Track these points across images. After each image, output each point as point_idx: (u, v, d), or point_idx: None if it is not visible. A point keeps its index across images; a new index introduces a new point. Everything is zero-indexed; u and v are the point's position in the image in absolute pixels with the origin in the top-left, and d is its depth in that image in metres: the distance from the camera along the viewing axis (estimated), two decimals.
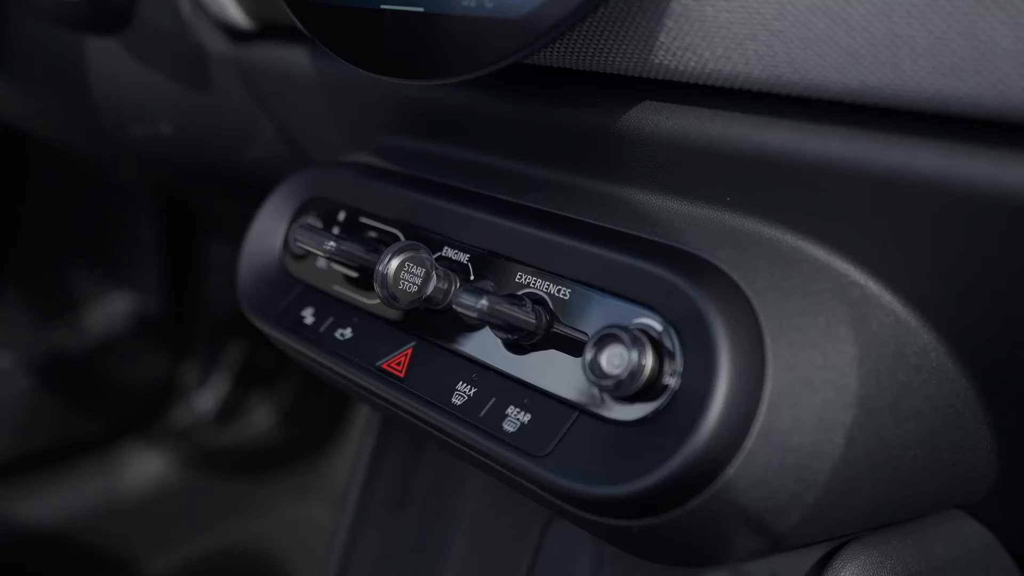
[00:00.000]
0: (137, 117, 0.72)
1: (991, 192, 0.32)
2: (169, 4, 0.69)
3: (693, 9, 0.36)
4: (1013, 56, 0.29)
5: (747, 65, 0.36)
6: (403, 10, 0.43)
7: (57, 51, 0.70)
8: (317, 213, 0.56)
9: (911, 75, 0.32)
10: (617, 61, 0.41)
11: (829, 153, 0.36)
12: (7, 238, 1.32)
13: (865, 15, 0.32)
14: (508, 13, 0.38)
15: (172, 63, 0.71)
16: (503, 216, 0.45)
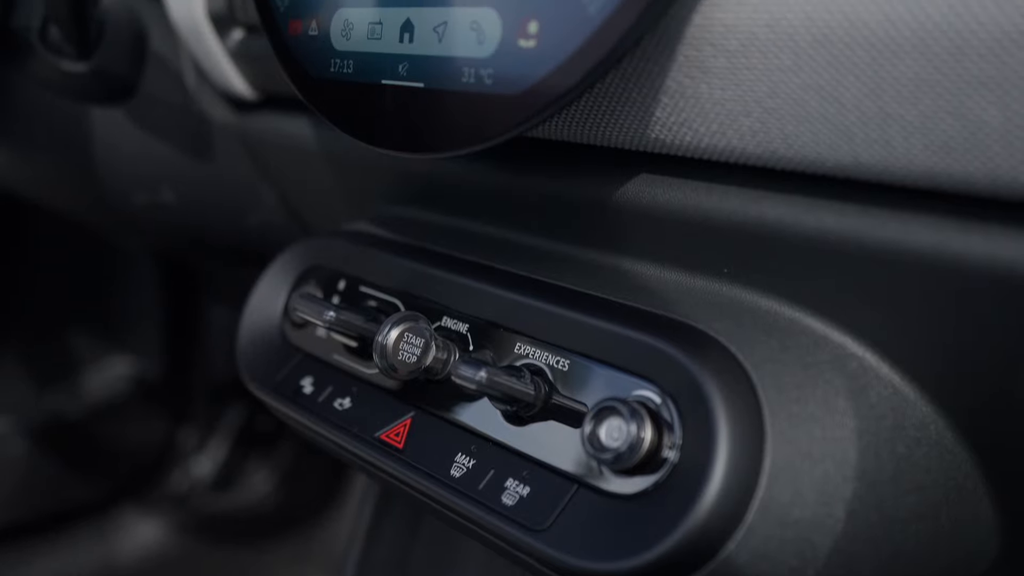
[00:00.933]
0: (140, 185, 0.73)
1: (985, 268, 0.32)
2: (174, 75, 0.71)
3: (688, 86, 0.37)
4: (1002, 136, 0.29)
5: (742, 140, 0.37)
6: (404, 86, 0.44)
7: (61, 120, 0.71)
8: (317, 281, 0.56)
9: (903, 153, 0.32)
10: (614, 135, 0.41)
11: (824, 227, 0.36)
12: (5, 300, 1.32)
13: (856, 94, 0.32)
14: (507, 90, 0.39)
15: (175, 132, 0.72)
16: (502, 287, 0.46)
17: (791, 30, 0.33)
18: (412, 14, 0.43)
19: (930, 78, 0.30)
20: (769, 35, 0.33)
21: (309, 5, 0.49)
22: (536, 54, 0.37)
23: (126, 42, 0.66)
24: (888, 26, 0.30)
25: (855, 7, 0.31)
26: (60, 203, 0.83)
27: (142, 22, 0.70)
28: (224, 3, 0.64)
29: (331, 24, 0.48)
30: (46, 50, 0.63)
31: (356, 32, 0.46)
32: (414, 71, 0.43)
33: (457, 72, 0.41)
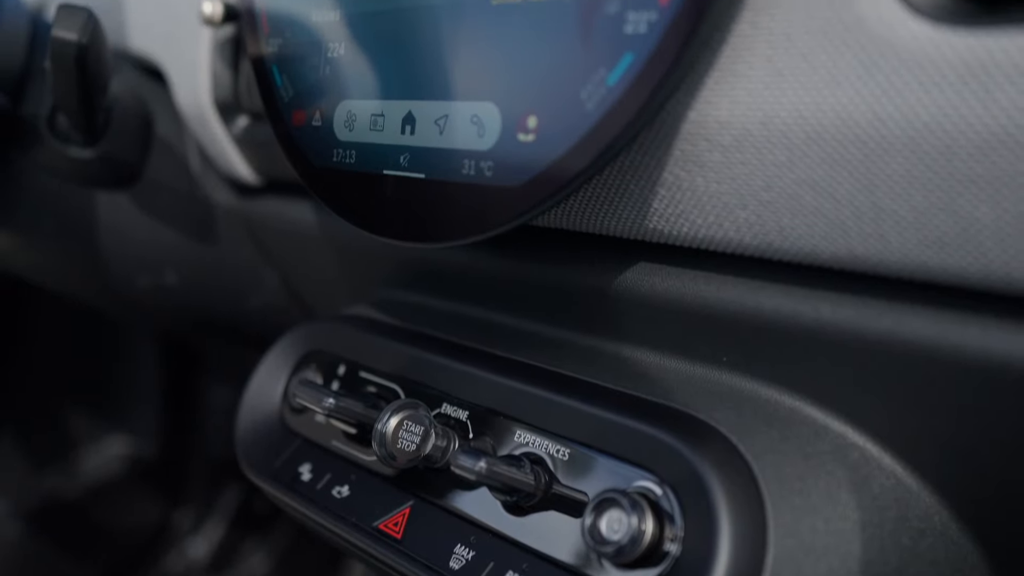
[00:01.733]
0: (143, 268, 0.73)
1: (982, 360, 0.32)
2: (179, 160, 0.72)
3: (684, 179, 0.38)
4: (994, 232, 0.30)
5: (738, 232, 0.37)
6: (405, 176, 0.44)
7: (66, 205, 0.72)
8: (317, 366, 0.56)
9: (897, 246, 0.33)
10: (612, 225, 0.42)
11: (821, 318, 0.37)
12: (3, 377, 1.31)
13: (850, 190, 0.33)
14: (506, 182, 0.39)
15: (180, 216, 0.73)
16: (502, 374, 0.46)
17: (784, 127, 0.33)
18: (414, 107, 0.44)
19: (922, 175, 0.31)
20: (763, 132, 0.34)
21: (313, 97, 0.50)
22: (535, 148, 0.38)
23: (133, 129, 0.68)
24: (879, 125, 0.31)
25: (846, 106, 0.32)
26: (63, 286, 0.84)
27: (148, 108, 0.71)
28: (230, 91, 0.66)
29: (334, 115, 0.49)
30: (54, 137, 0.64)
31: (359, 123, 0.47)
32: (415, 162, 0.44)
33: (458, 164, 0.41)
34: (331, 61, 0.49)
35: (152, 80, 0.74)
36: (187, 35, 0.67)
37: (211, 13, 0.61)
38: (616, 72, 0.35)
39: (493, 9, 0.40)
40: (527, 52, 0.39)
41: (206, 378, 1.39)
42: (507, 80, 0.39)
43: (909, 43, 0.30)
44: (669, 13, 0.33)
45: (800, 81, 0.33)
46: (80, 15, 0.54)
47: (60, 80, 0.56)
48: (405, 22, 0.45)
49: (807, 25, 0.32)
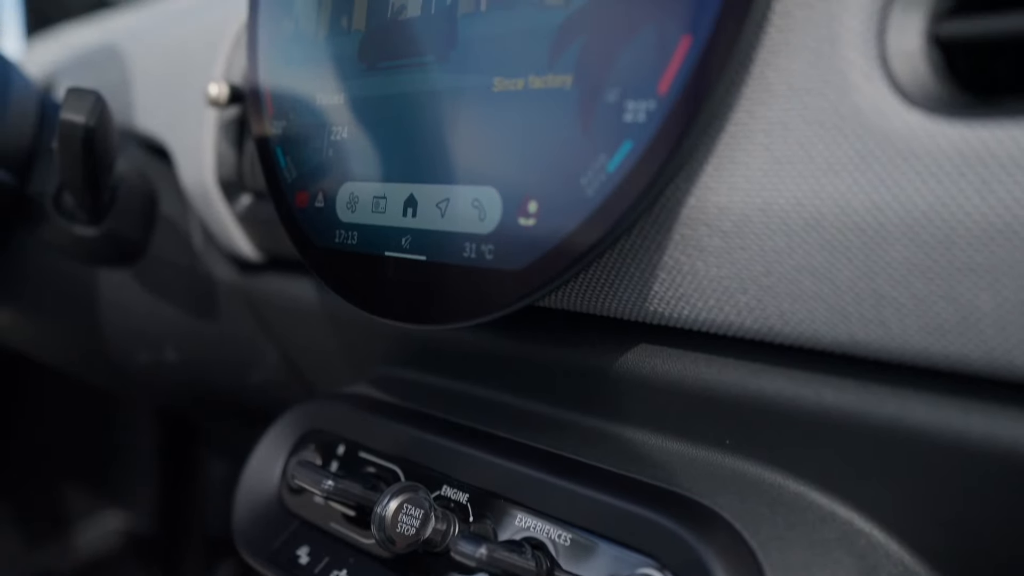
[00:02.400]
0: (144, 345, 0.73)
1: (987, 447, 0.32)
2: (182, 237, 0.72)
3: (684, 263, 0.38)
4: (995, 320, 0.30)
5: (739, 316, 0.37)
6: (406, 258, 0.45)
7: (69, 282, 0.72)
8: (316, 446, 0.55)
9: (898, 333, 0.33)
10: (613, 307, 0.42)
11: (823, 402, 0.36)
12: None
13: (850, 276, 0.33)
14: (507, 265, 0.39)
15: (181, 292, 0.73)
16: (504, 456, 0.45)
17: (783, 214, 0.34)
18: (416, 190, 0.44)
19: (921, 263, 0.31)
20: (762, 218, 0.34)
21: (316, 178, 0.51)
22: (536, 232, 0.38)
23: (137, 207, 0.68)
24: (877, 213, 0.31)
25: (844, 194, 0.32)
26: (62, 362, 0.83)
27: (153, 186, 0.72)
28: (234, 170, 0.66)
29: (337, 197, 0.49)
30: (59, 216, 0.64)
31: (361, 205, 0.48)
32: (416, 244, 0.44)
33: (459, 247, 0.42)
34: (334, 143, 0.50)
35: (157, 159, 0.75)
36: (193, 116, 0.68)
37: (217, 95, 0.62)
38: (616, 159, 0.35)
39: (494, 96, 0.41)
40: (528, 138, 0.39)
41: (205, 452, 1.38)
42: (508, 165, 0.40)
43: (905, 134, 0.30)
44: (668, 103, 0.34)
45: (798, 169, 0.33)
46: (88, 98, 0.55)
47: (67, 161, 0.56)
48: (408, 106, 0.45)
49: (803, 115, 0.33)
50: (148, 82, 0.78)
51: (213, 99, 0.62)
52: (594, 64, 0.37)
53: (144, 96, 0.77)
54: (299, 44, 0.53)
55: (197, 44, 0.72)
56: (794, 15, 0.34)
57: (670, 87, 0.34)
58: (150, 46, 0.81)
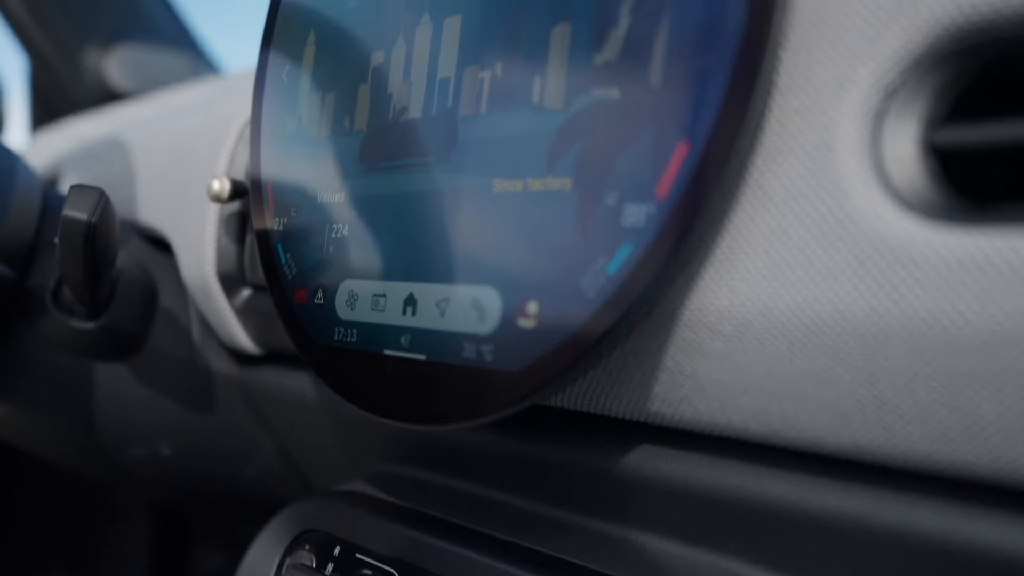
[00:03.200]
0: (139, 439, 0.72)
1: (993, 556, 0.31)
2: (181, 330, 0.72)
3: (685, 365, 0.38)
4: (1000, 428, 0.29)
5: (742, 419, 0.37)
6: (405, 357, 0.44)
7: (66, 375, 0.71)
8: (312, 547, 0.54)
9: (902, 439, 0.32)
10: (614, 407, 0.42)
11: (828, 508, 0.36)
12: None
13: (852, 382, 0.33)
14: (506, 366, 0.39)
15: (178, 386, 0.72)
16: (504, 560, 0.44)
17: (783, 318, 0.34)
18: (415, 288, 0.45)
19: (923, 370, 0.31)
20: (763, 322, 0.34)
21: (316, 275, 0.51)
22: (536, 334, 0.38)
23: (137, 300, 0.68)
24: (876, 319, 0.31)
25: (843, 299, 0.32)
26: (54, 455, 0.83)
27: (153, 279, 0.72)
28: (234, 264, 0.67)
29: (336, 294, 0.49)
30: (58, 310, 0.64)
31: (360, 303, 0.48)
32: (416, 343, 0.44)
33: (458, 347, 0.42)
34: (335, 241, 0.50)
35: (158, 251, 0.76)
36: (195, 210, 0.69)
37: (219, 190, 0.62)
38: (615, 262, 0.36)
39: (494, 196, 0.41)
40: (527, 239, 0.39)
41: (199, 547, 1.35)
42: (507, 266, 0.40)
43: (903, 240, 0.31)
44: (666, 207, 0.34)
45: (797, 274, 0.33)
46: (92, 195, 0.55)
47: (68, 257, 0.57)
48: (408, 206, 0.46)
49: (802, 220, 0.33)
50: (152, 175, 0.79)
51: (215, 194, 0.62)
52: (593, 168, 0.37)
53: (147, 189, 0.78)
54: (301, 142, 0.54)
55: (201, 139, 0.73)
56: (790, 121, 0.34)
57: (669, 192, 0.34)
58: (155, 140, 0.82)
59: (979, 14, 0.30)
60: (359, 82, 0.50)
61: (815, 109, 0.33)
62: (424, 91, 0.46)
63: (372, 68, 0.50)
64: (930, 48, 0.31)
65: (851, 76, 0.33)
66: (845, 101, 0.33)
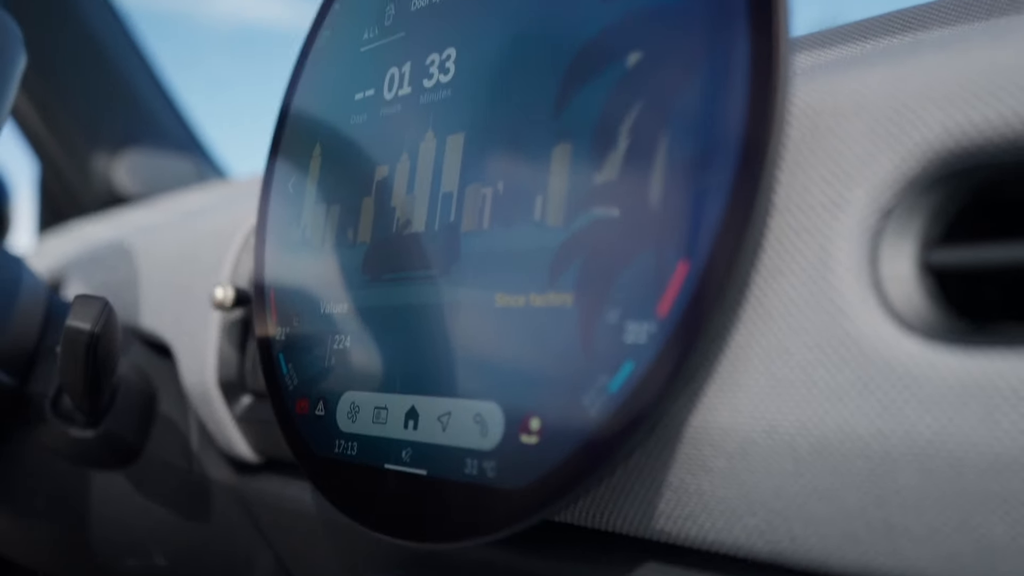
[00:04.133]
0: (133, 550, 0.71)
1: None
2: (179, 437, 0.72)
3: (690, 483, 0.37)
4: (1013, 552, 0.29)
5: (748, 538, 0.36)
6: (406, 472, 0.44)
7: (61, 483, 0.70)
8: None
9: (912, 561, 0.32)
10: (618, 523, 0.41)
11: None
12: None
13: (860, 502, 0.32)
14: (509, 484, 0.39)
15: (175, 494, 0.71)
16: None
17: (788, 437, 0.33)
18: (417, 402, 0.44)
19: (931, 492, 0.30)
20: (767, 441, 0.34)
21: (317, 386, 0.51)
22: (538, 451, 0.38)
23: (136, 408, 0.68)
24: (883, 440, 0.31)
25: (848, 420, 0.32)
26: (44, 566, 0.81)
27: (153, 385, 0.72)
28: (235, 371, 0.67)
29: (338, 406, 0.49)
30: (56, 418, 0.64)
31: (362, 415, 0.47)
32: (417, 458, 0.44)
33: (459, 463, 0.41)
34: (336, 352, 0.50)
35: (158, 356, 0.76)
36: (197, 316, 0.69)
37: (222, 298, 0.63)
38: (617, 380, 0.35)
39: (496, 311, 0.41)
40: (529, 354, 0.39)
41: None
42: (510, 381, 0.40)
43: (904, 361, 0.31)
44: (668, 325, 0.34)
45: (800, 393, 0.33)
46: (96, 305, 0.55)
47: (69, 366, 0.57)
48: (410, 318, 0.46)
49: (803, 339, 0.33)
50: (155, 281, 0.79)
51: (218, 302, 0.63)
52: (594, 285, 0.37)
53: (150, 295, 0.79)
54: (305, 252, 0.55)
55: (205, 246, 0.73)
56: (788, 240, 0.35)
57: (670, 310, 0.34)
58: (159, 245, 0.83)
59: (969, 139, 0.31)
60: (363, 195, 0.51)
61: (813, 229, 0.34)
62: (427, 205, 0.47)
63: (376, 182, 0.51)
64: (923, 171, 0.32)
65: (847, 197, 0.33)
66: (842, 221, 0.33)
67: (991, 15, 0.44)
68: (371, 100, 0.53)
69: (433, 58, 0.49)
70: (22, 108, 1.34)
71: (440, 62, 0.48)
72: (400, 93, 0.51)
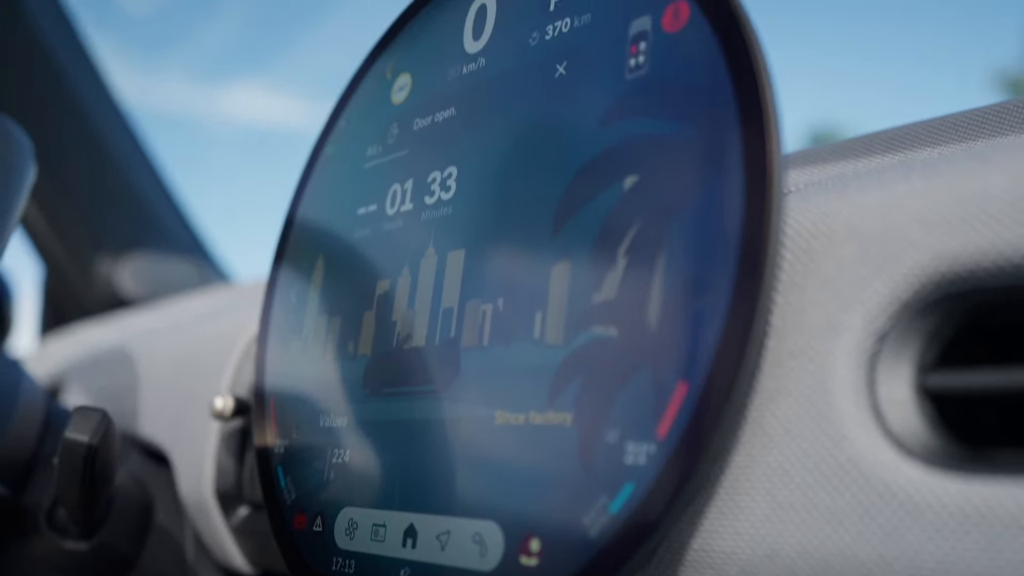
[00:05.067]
0: None
1: None
2: (175, 549, 0.71)
3: None
4: None
5: None
6: None
7: None
8: None
9: None
10: None
11: None
12: None
13: None
14: None
15: None
16: None
17: (790, 562, 0.33)
18: (416, 520, 0.44)
19: None
20: (769, 565, 0.34)
21: (315, 501, 0.50)
22: (538, 573, 0.37)
23: (132, 518, 0.67)
24: (884, 567, 0.31)
25: (849, 545, 0.32)
26: None
27: (149, 494, 0.71)
28: (233, 482, 0.66)
29: (336, 522, 0.49)
30: (51, 530, 0.63)
31: (360, 532, 0.47)
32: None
33: None
34: (335, 466, 0.50)
35: (155, 464, 0.75)
36: (196, 426, 0.69)
37: (222, 408, 0.63)
38: (618, 501, 0.35)
39: (496, 428, 0.41)
40: (529, 473, 0.39)
41: None
42: (509, 500, 0.40)
43: (905, 486, 0.31)
44: (667, 447, 0.34)
45: (801, 516, 0.33)
46: (94, 418, 0.55)
47: (66, 478, 0.56)
48: (410, 434, 0.46)
49: (803, 462, 0.33)
50: (155, 388, 0.79)
51: (218, 412, 0.62)
52: (593, 404, 0.38)
53: (150, 402, 0.79)
54: (306, 364, 0.55)
55: (206, 353, 0.74)
56: (786, 362, 0.35)
57: (669, 431, 0.34)
58: (160, 351, 0.83)
59: (960, 264, 0.32)
60: (365, 308, 0.52)
61: (810, 352, 0.34)
62: (428, 320, 0.47)
63: (378, 295, 0.51)
64: (916, 295, 0.33)
65: (843, 320, 0.34)
66: (839, 345, 0.34)
67: (974, 136, 0.46)
68: (374, 215, 0.54)
69: (435, 176, 0.50)
70: (27, 210, 1.36)
71: (442, 180, 0.50)
72: (402, 209, 0.52)
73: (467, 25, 0.52)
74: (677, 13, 0.40)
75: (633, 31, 0.42)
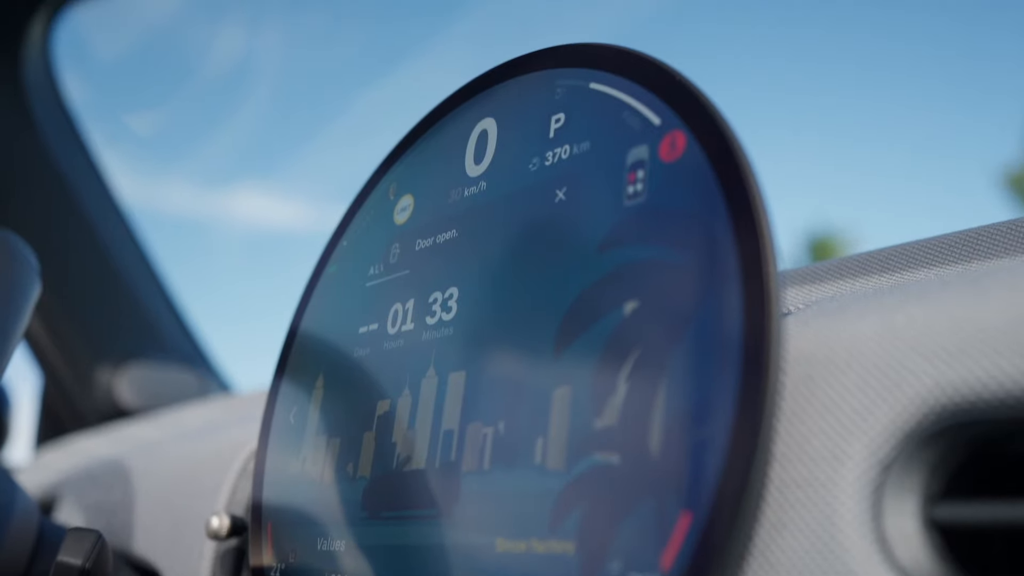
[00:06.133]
0: None
1: None
2: None
3: None
4: None
5: None
6: None
7: None
8: None
9: None
10: None
11: None
12: None
13: None
14: None
15: None
16: None
17: None
18: None
19: None
20: None
21: None
22: None
23: None
24: None
25: None
26: None
27: None
28: None
29: None
30: None
31: None
32: None
33: None
34: None
35: None
36: (190, 545, 0.67)
37: (218, 528, 0.62)
38: None
39: (497, 556, 0.41)
40: None
41: None
42: None
43: None
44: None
45: None
46: (88, 540, 0.54)
47: None
48: (409, 559, 0.45)
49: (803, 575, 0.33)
50: (149, 505, 0.78)
51: (214, 532, 0.61)
52: (595, 533, 0.37)
53: (144, 518, 0.77)
54: (304, 485, 0.54)
55: (203, 470, 0.73)
56: (791, 492, 0.35)
57: (673, 563, 0.34)
58: (156, 466, 0.82)
59: (961, 395, 0.32)
60: (365, 429, 0.52)
61: (814, 482, 0.34)
62: (428, 442, 0.47)
63: (378, 416, 0.51)
64: (919, 425, 0.32)
65: (846, 450, 0.34)
66: (842, 475, 0.33)
67: (969, 258, 0.46)
68: (375, 334, 0.54)
69: (436, 296, 0.51)
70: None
71: (443, 300, 0.50)
72: (403, 329, 0.52)
73: (469, 149, 0.53)
74: (674, 143, 0.41)
75: (631, 159, 0.43)
